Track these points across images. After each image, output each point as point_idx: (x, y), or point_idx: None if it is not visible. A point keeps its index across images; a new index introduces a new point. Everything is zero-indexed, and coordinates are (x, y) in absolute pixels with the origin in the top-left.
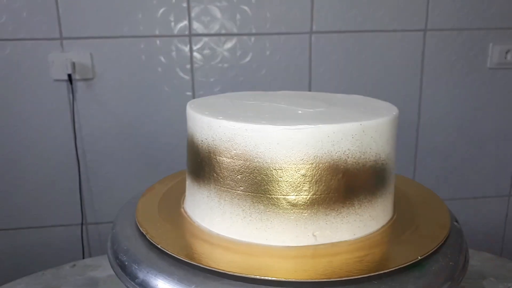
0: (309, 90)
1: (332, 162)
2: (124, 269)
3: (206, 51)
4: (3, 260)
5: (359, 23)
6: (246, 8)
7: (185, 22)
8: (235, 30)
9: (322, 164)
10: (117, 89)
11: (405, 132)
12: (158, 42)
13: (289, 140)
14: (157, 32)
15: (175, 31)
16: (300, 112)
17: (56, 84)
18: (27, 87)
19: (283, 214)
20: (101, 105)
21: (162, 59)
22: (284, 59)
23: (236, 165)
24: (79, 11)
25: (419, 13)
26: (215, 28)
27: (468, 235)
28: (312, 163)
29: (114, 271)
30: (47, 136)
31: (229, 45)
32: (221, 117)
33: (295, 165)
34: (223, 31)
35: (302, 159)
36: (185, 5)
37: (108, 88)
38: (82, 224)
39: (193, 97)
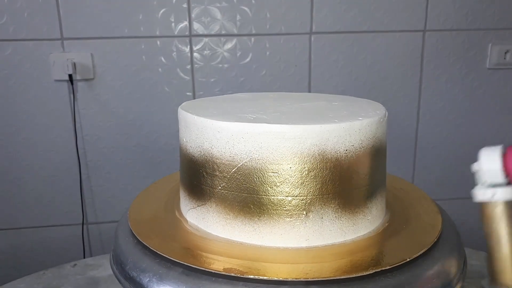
0: (309, 90)
1: (324, 162)
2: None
3: (206, 52)
4: (4, 259)
5: (359, 24)
6: (246, 8)
7: (186, 23)
8: (235, 31)
9: (314, 164)
10: (117, 89)
11: (404, 132)
12: (158, 42)
13: (282, 140)
14: (157, 33)
15: (176, 32)
16: (290, 112)
17: (57, 84)
18: (28, 88)
19: (278, 215)
20: (102, 105)
21: (163, 59)
22: (284, 59)
23: (229, 166)
24: (80, 11)
25: (418, 13)
26: (215, 28)
27: (467, 234)
28: (304, 164)
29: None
30: (48, 136)
31: (229, 45)
32: (213, 119)
33: (289, 166)
34: (223, 32)
35: (295, 160)
36: (185, 6)
37: (109, 88)
38: (83, 223)
39: (194, 97)
